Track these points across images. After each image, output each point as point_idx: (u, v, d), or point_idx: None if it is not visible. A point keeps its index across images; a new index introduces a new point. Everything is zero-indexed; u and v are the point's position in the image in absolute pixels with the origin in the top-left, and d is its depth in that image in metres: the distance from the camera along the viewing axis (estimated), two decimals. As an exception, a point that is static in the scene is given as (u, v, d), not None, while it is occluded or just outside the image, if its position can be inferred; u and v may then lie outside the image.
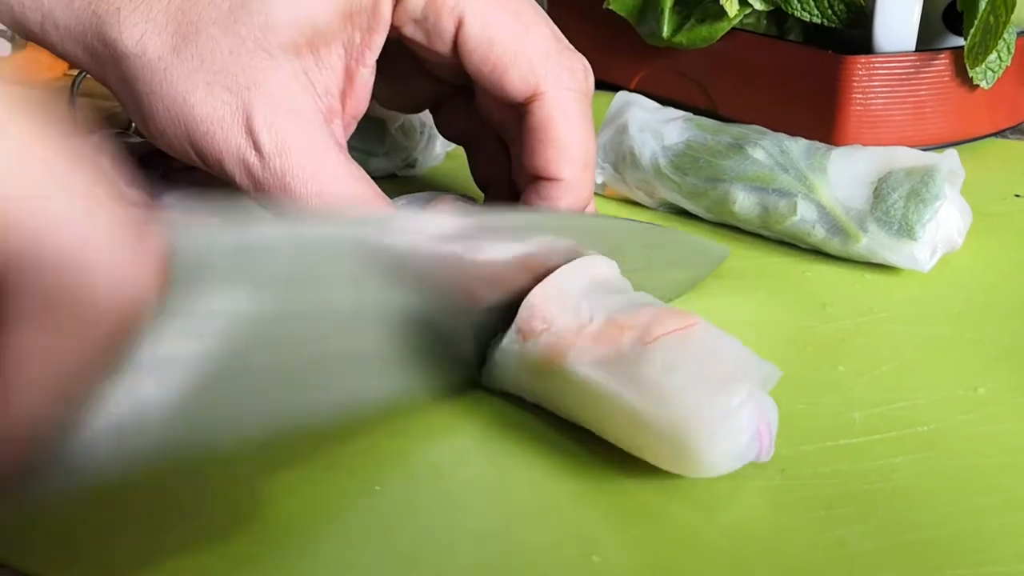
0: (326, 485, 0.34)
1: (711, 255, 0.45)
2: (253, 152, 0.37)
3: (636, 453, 0.33)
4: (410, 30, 0.39)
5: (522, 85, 0.39)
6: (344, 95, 0.40)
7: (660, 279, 0.42)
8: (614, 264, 0.38)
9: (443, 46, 0.39)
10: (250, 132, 0.37)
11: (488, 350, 0.38)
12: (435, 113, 0.48)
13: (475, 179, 0.47)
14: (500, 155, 0.44)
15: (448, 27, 0.39)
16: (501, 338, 0.37)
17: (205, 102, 0.37)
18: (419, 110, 0.49)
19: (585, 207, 0.41)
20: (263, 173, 0.37)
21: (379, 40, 0.39)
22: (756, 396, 0.32)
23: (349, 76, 0.39)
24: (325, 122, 0.39)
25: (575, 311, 0.35)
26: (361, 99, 0.40)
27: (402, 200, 0.45)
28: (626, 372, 0.32)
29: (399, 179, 0.58)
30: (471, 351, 0.38)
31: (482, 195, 0.47)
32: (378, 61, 0.40)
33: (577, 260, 0.37)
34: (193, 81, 0.37)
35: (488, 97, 0.41)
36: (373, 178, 0.58)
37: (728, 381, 0.32)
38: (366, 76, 0.40)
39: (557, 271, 0.37)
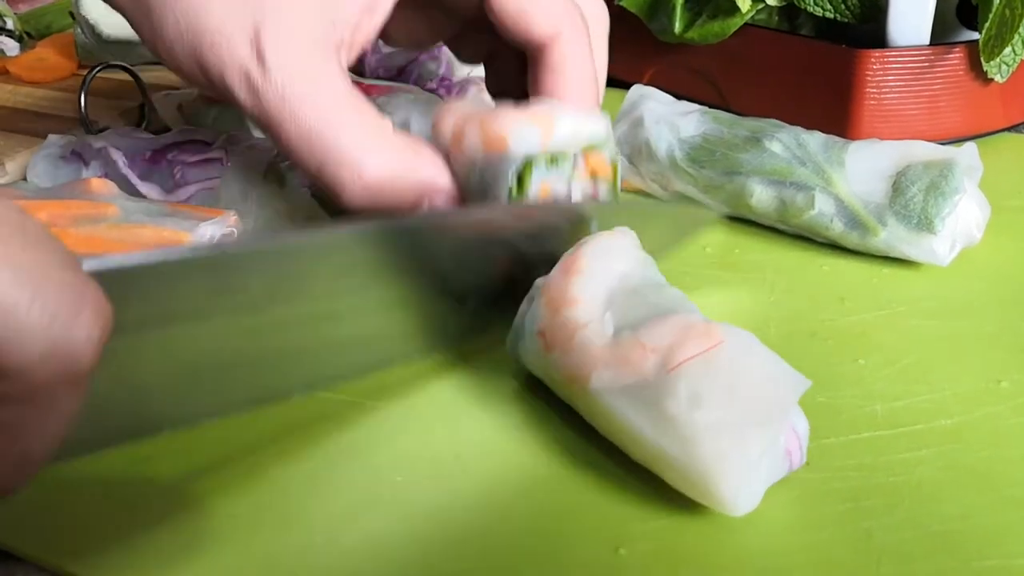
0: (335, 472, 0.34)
1: (699, 218, 0.48)
2: (256, 64, 0.37)
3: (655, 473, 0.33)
4: None
5: (544, 28, 0.41)
6: (358, 28, 0.40)
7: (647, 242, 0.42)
8: (635, 238, 0.38)
9: None
10: (256, 44, 0.37)
11: (515, 324, 0.38)
12: (449, 42, 0.48)
13: (489, 92, 0.49)
14: (516, 70, 0.45)
15: None
16: (523, 324, 0.37)
17: (216, 12, 0.37)
18: (431, 45, 0.50)
19: None
20: (263, 85, 0.37)
21: None
22: (784, 419, 0.32)
23: (368, 10, 0.40)
24: (335, 49, 0.39)
25: (600, 323, 0.34)
26: (373, 28, 0.41)
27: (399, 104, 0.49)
28: (650, 405, 0.31)
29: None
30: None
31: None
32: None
33: (601, 243, 0.37)
34: None
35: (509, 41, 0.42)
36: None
37: (754, 422, 0.30)
38: (382, 11, 0.40)
39: (583, 260, 0.36)
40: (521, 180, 0.38)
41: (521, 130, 0.38)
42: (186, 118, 0.60)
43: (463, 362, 0.40)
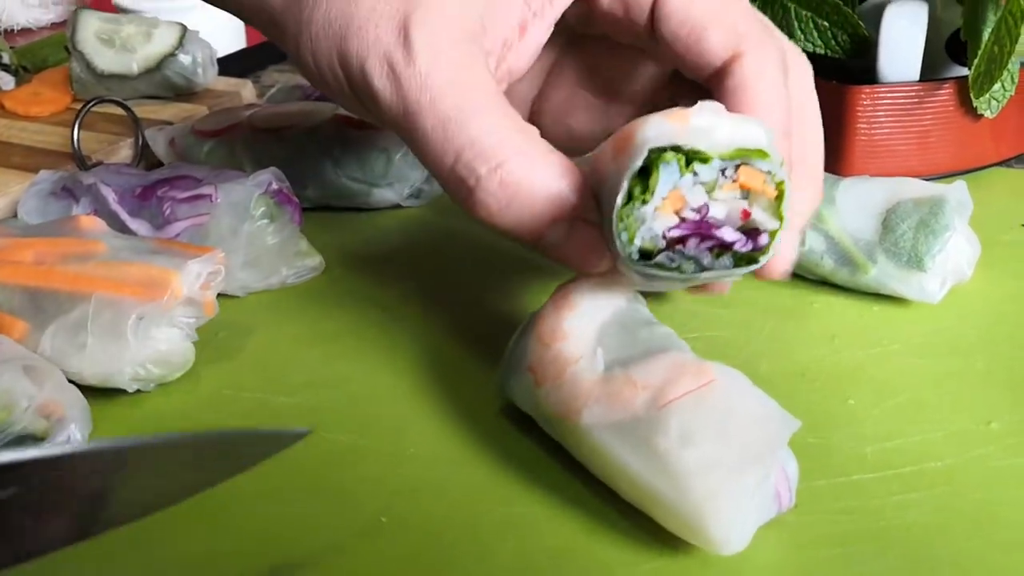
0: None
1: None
2: (401, 49, 0.35)
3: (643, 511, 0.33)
4: (607, 1, 0.38)
5: (723, 45, 0.36)
6: (507, 44, 0.38)
7: None
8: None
9: (639, 15, 0.37)
10: (404, 29, 0.35)
11: (504, 359, 0.37)
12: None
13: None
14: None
15: None
16: (513, 359, 0.36)
17: (370, 1, 0.36)
18: (592, 143, 0.42)
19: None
20: (405, 70, 0.35)
21: None
22: (774, 459, 0.31)
23: (522, 27, 0.37)
24: (483, 51, 0.36)
25: (591, 358, 0.34)
26: (523, 56, 0.38)
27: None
28: (641, 441, 0.31)
29: (403, 210, 0.58)
30: None
31: None
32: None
33: (593, 280, 0.36)
34: None
35: (682, 70, 0.39)
36: (375, 210, 0.58)
37: (745, 461, 0.30)
38: (538, 33, 0.38)
39: (575, 295, 0.36)
40: (647, 181, 0.30)
41: (651, 124, 0.31)
42: (178, 153, 0.60)
43: (450, 399, 0.40)
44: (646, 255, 0.31)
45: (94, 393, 0.40)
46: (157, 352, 0.40)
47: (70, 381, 0.39)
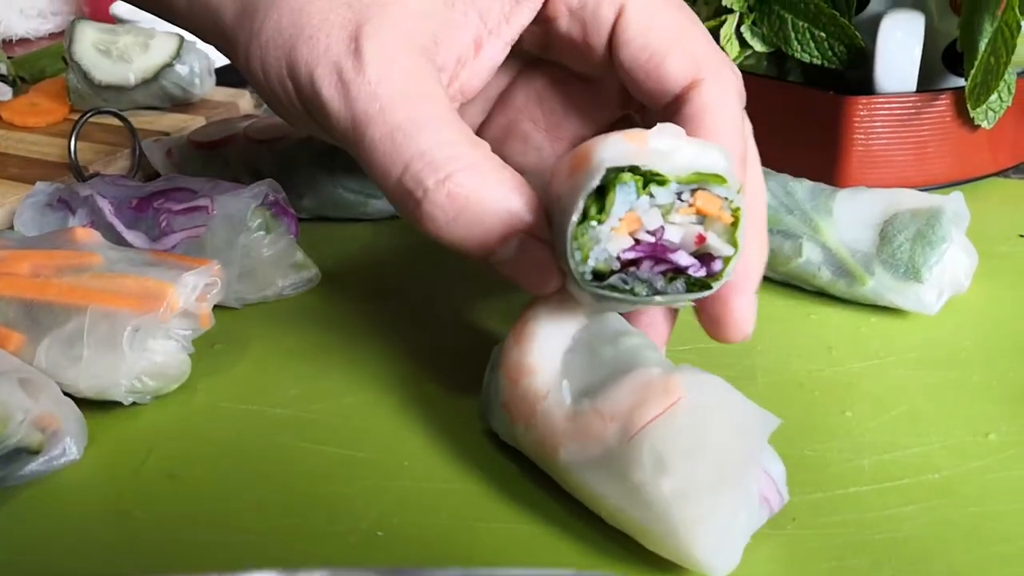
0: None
1: None
2: (352, 59, 0.34)
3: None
4: (564, 22, 0.38)
5: (682, 71, 0.36)
6: (461, 62, 0.37)
7: None
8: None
9: (598, 40, 0.37)
10: (356, 41, 0.34)
11: (482, 394, 0.37)
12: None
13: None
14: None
15: (607, 16, 0.37)
16: (489, 395, 0.36)
17: (320, 8, 0.35)
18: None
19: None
20: (355, 78, 0.34)
21: (523, 17, 0.37)
22: (753, 470, 0.31)
23: (477, 44, 0.37)
24: (436, 66, 0.36)
25: (557, 392, 0.34)
26: (477, 75, 0.38)
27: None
28: (616, 476, 0.31)
29: (400, 221, 0.58)
30: None
31: None
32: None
33: (548, 303, 0.35)
34: None
35: (638, 96, 0.38)
36: (372, 220, 0.58)
37: (723, 482, 0.30)
38: (494, 52, 0.37)
39: (530, 325, 0.35)
40: (603, 200, 0.30)
41: (609, 143, 0.31)
42: (175, 163, 0.60)
43: (445, 412, 0.40)
44: (599, 276, 0.31)
45: (90, 405, 0.40)
46: (153, 364, 0.40)
47: (66, 394, 0.39)
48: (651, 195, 0.30)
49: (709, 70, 0.36)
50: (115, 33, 0.73)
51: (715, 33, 0.59)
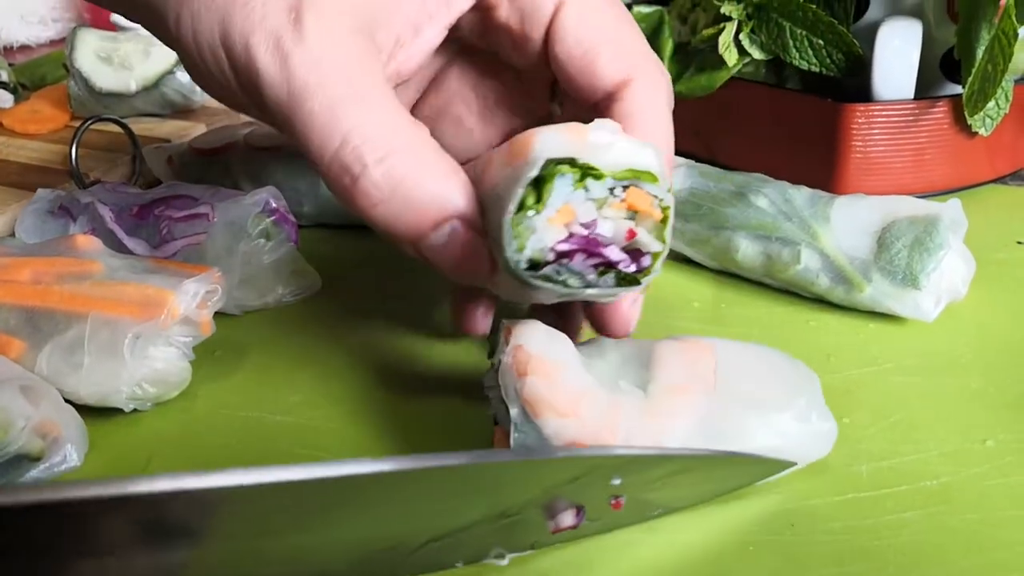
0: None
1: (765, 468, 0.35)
2: (292, 29, 0.33)
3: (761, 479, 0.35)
4: (504, 11, 0.38)
5: (615, 69, 0.37)
6: (399, 43, 0.37)
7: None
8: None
9: (535, 31, 0.38)
10: (296, 12, 0.33)
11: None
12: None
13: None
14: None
15: (546, 9, 0.37)
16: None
17: None
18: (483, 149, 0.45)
19: None
20: (294, 49, 0.33)
21: (463, 2, 0.37)
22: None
23: (416, 26, 0.37)
24: (376, 45, 0.35)
25: (620, 392, 0.34)
26: (414, 58, 0.37)
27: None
28: (724, 430, 0.33)
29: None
30: None
31: None
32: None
33: (537, 330, 0.35)
34: None
35: (569, 91, 0.39)
36: (367, 228, 0.58)
37: (799, 383, 0.36)
38: (431, 35, 0.37)
39: (539, 357, 0.34)
40: (540, 191, 0.30)
41: (549, 135, 0.31)
42: (176, 171, 0.60)
43: (448, 418, 0.40)
44: (534, 266, 0.31)
45: (90, 412, 0.40)
46: (154, 371, 0.40)
47: (67, 400, 0.39)
48: (586, 188, 0.31)
49: (641, 70, 0.37)
50: (116, 40, 0.73)
51: (714, 40, 0.59)
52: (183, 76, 0.72)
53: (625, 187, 0.31)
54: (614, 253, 0.31)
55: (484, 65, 0.42)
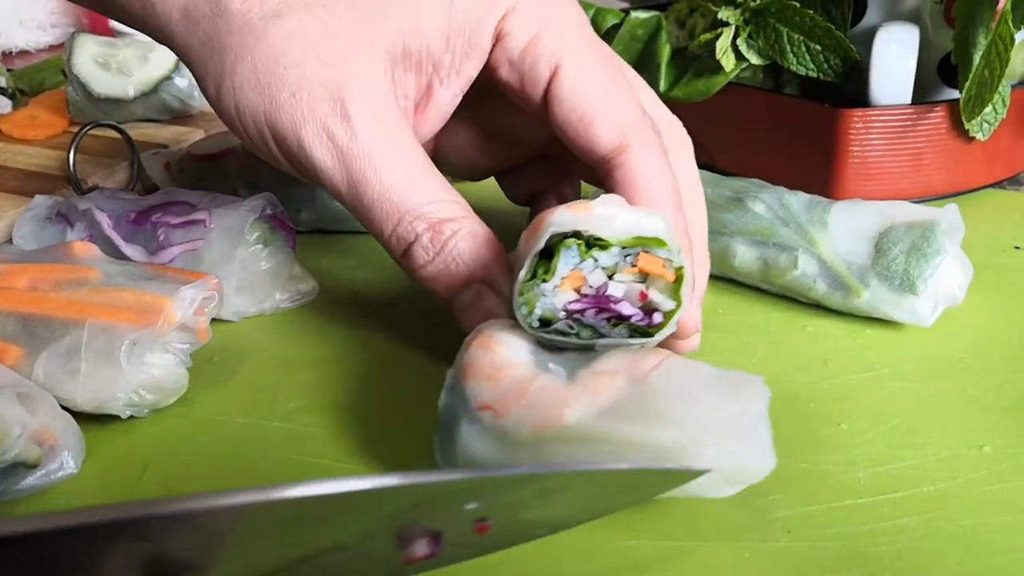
0: None
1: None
2: (341, 122, 0.37)
3: (664, 489, 0.32)
4: (505, 71, 0.40)
5: (610, 135, 0.38)
6: (417, 107, 0.40)
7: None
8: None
9: (534, 92, 0.40)
10: (340, 102, 0.37)
11: (441, 420, 0.36)
12: (501, 178, 0.49)
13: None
14: None
15: (543, 72, 0.39)
16: (454, 415, 0.35)
17: (297, 66, 0.37)
18: (488, 175, 0.49)
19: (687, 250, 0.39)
20: (349, 143, 0.37)
21: (471, 69, 0.40)
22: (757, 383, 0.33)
23: (429, 92, 0.40)
24: (407, 118, 0.39)
25: (549, 373, 0.34)
26: (431, 120, 0.41)
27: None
28: (640, 410, 0.32)
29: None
30: None
31: None
32: (466, 120, 0.43)
33: (498, 323, 0.37)
34: (290, 46, 0.37)
35: (571, 151, 0.41)
36: (370, 233, 0.58)
37: (740, 389, 0.32)
38: (445, 100, 0.41)
39: (494, 335, 0.36)
40: (549, 262, 0.34)
41: (560, 213, 0.35)
42: (174, 176, 0.60)
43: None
44: (546, 323, 0.35)
45: (87, 419, 0.40)
46: (151, 378, 0.40)
47: (64, 407, 0.39)
48: (595, 258, 0.35)
49: (634, 135, 0.39)
50: (114, 46, 0.73)
51: (711, 45, 0.59)
52: (181, 82, 0.73)
53: (636, 254, 0.35)
54: (626, 308, 0.35)
55: (496, 103, 0.43)
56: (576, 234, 0.34)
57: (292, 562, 0.27)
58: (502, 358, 0.35)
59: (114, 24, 0.89)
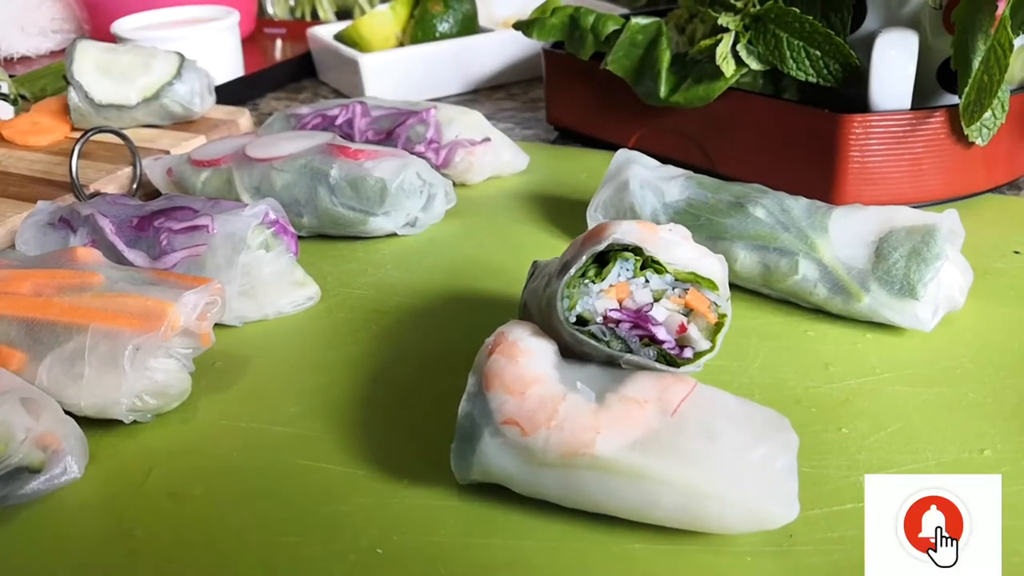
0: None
1: None
2: None
3: (688, 526, 0.33)
4: None
5: None
6: None
7: None
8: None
9: None
10: None
11: (461, 430, 0.36)
12: None
13: None
14: None
15: None
16: (474, 425, 0.35)
17: None
18: None
19: None
20: None
21: None
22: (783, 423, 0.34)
23: None
24: None
25: (576, 393, 0.34)
26: None
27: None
28: (670, 449, 0.33)
29: (399, 238, 0.58)
30: None
31: None
32: None
33: (521, 324, 0.37)
34: None
35: None
36: (371, 238, 0.58)
37: (769, 432, 0.33)
38: None
39: (519, 342, 0.36)
40: (603, 268, 0.36)
41: (625, 225, 0.36)
42: (175, 181, 0.60)
43: (446, 428, 0.40)
44: (582, 321, 0.36)
45: (91, 424, 0.40)
46: (154, 383, 0.40)
47: (67, 412, 0.39)
48: (647, 279, 0.36)
49: None
50: (116, 52, 0.73)
51: (711, 51, 0.60)
52: (183, 88, 0.73)
53: (686, 288, 0.36)
54: (662, 333, 0.36)
55: None
56: (636, 250, 0.36)
57: None
58: (527, 370, 0.35)
59: (115, 30, 0.89)
